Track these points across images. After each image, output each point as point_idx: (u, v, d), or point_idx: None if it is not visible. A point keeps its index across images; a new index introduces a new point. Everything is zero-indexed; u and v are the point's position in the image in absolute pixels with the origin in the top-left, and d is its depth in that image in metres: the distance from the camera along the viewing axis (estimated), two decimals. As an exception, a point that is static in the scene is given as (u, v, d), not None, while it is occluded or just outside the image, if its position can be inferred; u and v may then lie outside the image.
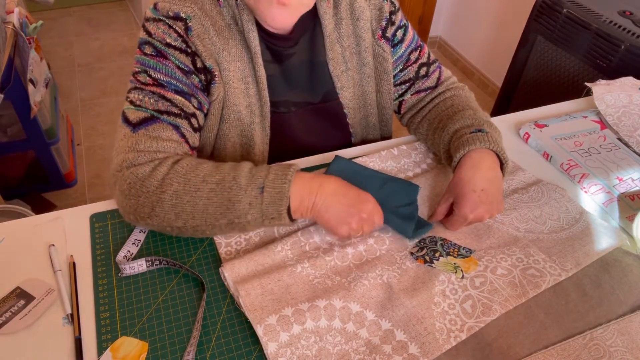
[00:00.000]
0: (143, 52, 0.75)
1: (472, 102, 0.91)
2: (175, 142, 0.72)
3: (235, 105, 0.81)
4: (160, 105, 0.72)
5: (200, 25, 0.75)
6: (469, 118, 0.83)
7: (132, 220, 0.70)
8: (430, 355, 0.60)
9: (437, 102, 0.93)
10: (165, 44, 0.74)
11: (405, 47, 0.92)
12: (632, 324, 0.65)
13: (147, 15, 0.76)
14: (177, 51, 0.74)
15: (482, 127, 0.80)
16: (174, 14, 0.74)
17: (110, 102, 2.47)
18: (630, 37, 1.47)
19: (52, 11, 3.22)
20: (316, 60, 0.87)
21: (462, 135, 0.80)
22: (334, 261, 0.70)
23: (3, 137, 1.68)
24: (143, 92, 0.73)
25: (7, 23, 1.49)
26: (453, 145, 0.81)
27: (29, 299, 0.64)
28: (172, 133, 0.72)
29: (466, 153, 0.77)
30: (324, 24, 0.84)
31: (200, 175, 0.67)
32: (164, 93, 0.73)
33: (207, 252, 0.72)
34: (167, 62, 0.74)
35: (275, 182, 0.65)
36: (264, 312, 0.62)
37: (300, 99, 0.88)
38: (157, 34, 0.74)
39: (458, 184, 0.75)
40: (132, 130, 0.71)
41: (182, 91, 0.74)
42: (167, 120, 0.72)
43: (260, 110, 0.84)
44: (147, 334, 0.62)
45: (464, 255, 0.72)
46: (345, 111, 0.91)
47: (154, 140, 0.70)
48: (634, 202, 0.84)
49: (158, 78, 0.73)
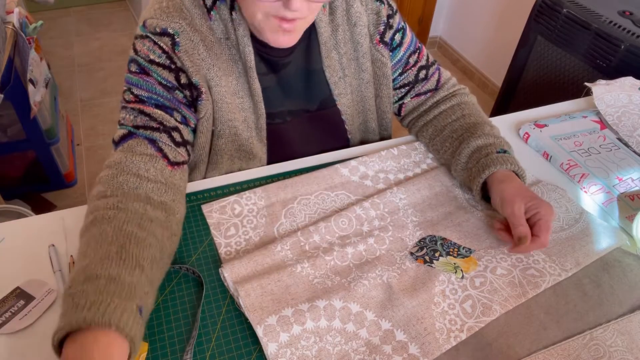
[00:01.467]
0: (129, 70, 0.75)
1: (481, 111, 0.92)
2: (148, 156, 0.70)
3: (230, 120, 0.80)
4: (138, 120, 0.72)
5: (189, 41, 0.74)
6: (490, 136, 0.83)
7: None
8: (430, 355, 0.60)
9: (443, 108, 0.92)
10: (149, 61, 0.73)
11: (404, 50, 0.92)
12: (632, 324, 0.65)
13: (136, 33, 0.76)
14: (160, 67, 0.73)
15: (505, 147, 0.81)
16: (161, 30, 0.73)
17: (110, 102, 2.47)
18: (630, 37, 1.47)
19: (52, 11, 3.22)
20: (312, 68, 0.86)
21: (488, 153, 0.80)
22: (334, 261, 0.70)
23: (3, 137, 1.68)
24: (126, 109, 0.73)
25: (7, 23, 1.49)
26: (477, 162, 0.80)
27: (29, 299, 0.64)
28: (147, 147, 0.70)
29: (493, 172, 0.78)
30: (319, 31, 0.83)
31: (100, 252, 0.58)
32: (144, 108, 0.72)
33: (206, 252, 0.72)
34: (149, 79, 0.73)
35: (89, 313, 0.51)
36: (264, 312, 0.62)
37: (297, 107, 0.88)
38: (142, 51, 0.74)
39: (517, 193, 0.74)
40: (114, 148, 0.71)
41: (162, 105, 0.73)
42: (143, 134, 0.71)
43: (256, 124, 0.83)
44: (147, 334, 0.62)
45: (464, 255, 0.72)
46: (344, 117, 0.91)
47: (126, 155, 0.69)
48: (633, 202, 0.84)
49: (139, 94, 0.73)
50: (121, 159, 0.69)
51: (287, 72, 0.84)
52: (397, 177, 0.87)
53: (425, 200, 0.82)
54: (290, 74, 0.85)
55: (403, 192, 0.82)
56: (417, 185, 0.84)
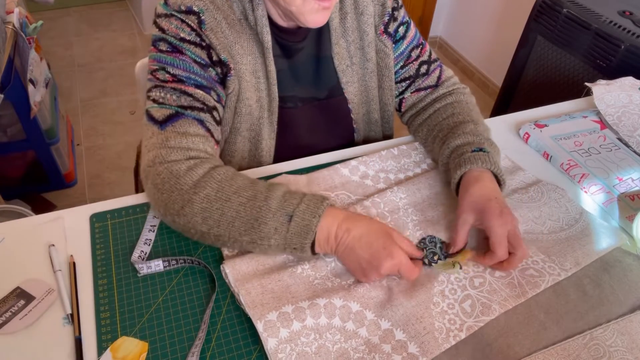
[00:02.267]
0: (158, 49, 0.75)
1: (473, 110, 0.90)
2: (202, 136, 0.73)
3: (247, 99, 0.81)
4: (182, 101, 0.73)
5: (212, 19, 0.75)
6: (470, 134, 0.82)
7: (161, 214, 0.71)
8: (429, 355, 0.60)
9: (437, 106, 0.92)
10: (180, 39, 0.74)
11: (407, 44, 0.92)
12: (632, 324, 0.65)
13: (159, 12, 0.76)
14: (193, 45, 0.74)
15: (483, 145, 0.79)
16: (186, 8, 0.74)
17: (110, 102, 2.47)
18: (630, 37, 1.47)
19: (52, 11, 3.22)
20: (322, 55, 0.87)
21: (463, 152, 0.79)
22: (335, 262, 0.70)
23: (3, 137, 1.68)
24: (164, 89, 0.73)
25: (7, 23, 1.49)
26: (453, 162, 0.79)
27: (29, 299, 0.64)
28: (198, 128, 0.73)
29: (467, 171, 0.77)
30: (330, 17, 0.84)
31: (234, 187, 0.67)
32: (185, 88, 0.73)
33: (207, 252, 0.72)
34: (184, 57, 0.74)
35: (305, 214, 0.64)
36: (265, 308, 0.63)
37: (307, 95, 0.88)
38: (171, 30, 0.74)
39: (474, 201, 0.72)
40: (159, 128, 0.71)
41: (201, 85, 0.75)
42: (191, 115, 0.73)
43: (269, 105, 0.84)
44: (147, 334, 0.62)
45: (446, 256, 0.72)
46: (350, 106, 0.92)
47: (182, 136, 0.71)
48: (634, 202, 0.84)
49: (177, 74, 0.74)
50: (181, 140, 0.70)
51: (299, 58, 0.85)
52: (398, 177, 0.87)
53: (426, 200, 0.82)
54: (302, 60, 0.86)
55: (403, 192, 0.82)
56: (417, 185, 0.84)
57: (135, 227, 0.75)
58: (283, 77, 0.84)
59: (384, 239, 0.66)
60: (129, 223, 0.75)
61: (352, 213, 0.69)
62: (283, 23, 0.81)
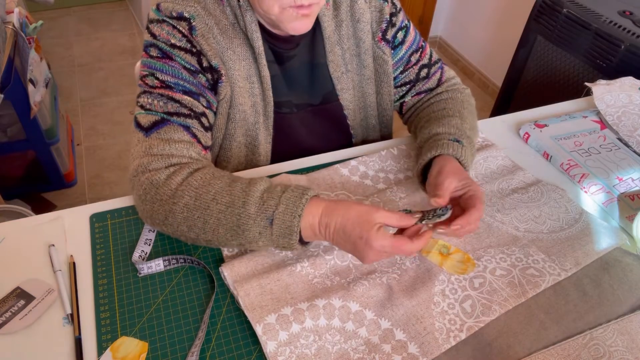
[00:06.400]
0: (149, 54, 0.75)
1: (466, 109, 0.88)
2: (187, 142, 0.72)
3: (240, 104, 0.81)
4: (169, 107, 0.72)
5: (204, 25, 0.75)
6: (453, 127, 0.81)
7: (149, 224, 0.71)
8: (429, 355, 0.60)
9: (432, 102, 0.93)
10: (170, 45, 0.74)
11: (406, 49, 0.92)
12: (632, 324, 0.65)
13: (151, 17, 0.76)
14: (183, 51, 0.74)
15: (461, 139, 0.78)
16: (177, 14, 0.74)
17: (110, 102, 2.47)
18: (630, 37, 1.47)
19: (52, 11, 3.22)
20: (316, 62, 0.87)
21: (440, 139, 0.78)
22: (334, 260, 0.70)
23: (3, 137, 1.68)
24: (152, 95, 0.73)
25: (7, 23, 1.50)
26: (428, 145, 0.79)
27: (29, 299, 0.64)
28: (184, 134, 0.72)
29: (437, 155, 0.76)
30: (324, 26, 0.84)
31: (212, 193, 0.65)
32: (172, 94, 0.73)
33: (206, 252, 0.72)
34: (173, 63, 0.74)
35: (285, 216, 0.62)
36: (263, 311, 0.62)
37: (301, 101, 0.88)
38: (162, 35, 0.74)
39: (456, 172, 0.71)
40: (145, 135, 0.71)
41: (190, 91, 0.74)
42: (177, 121, 0.72)
43: (264, 110, 0.84)
44: (147, 334, 0.62)
45: (440, 215, 0.67)
46: (346, 112, 0.91)
47: (166, 143, 0.70)
48: (634, 202, 0.84)
49: (165, 80, 0.73)
50: (164, 147, 0.69)
51: (292, 65, 0.85)
52: (397, 177, 0.87)
53: (425, 200, 0.82)
54: (295, 67, 0.85)
55: (403, 192, 0.82)
56: (417, 185, 0.84)
57: (135, 227, 0.75)
58: (277, 82, 0.84)
59: (360, 227, 0.61)
60: (129, 223, 0.75)
61: (330, 203, 0.64)
62: (274, 30, 0.81)
